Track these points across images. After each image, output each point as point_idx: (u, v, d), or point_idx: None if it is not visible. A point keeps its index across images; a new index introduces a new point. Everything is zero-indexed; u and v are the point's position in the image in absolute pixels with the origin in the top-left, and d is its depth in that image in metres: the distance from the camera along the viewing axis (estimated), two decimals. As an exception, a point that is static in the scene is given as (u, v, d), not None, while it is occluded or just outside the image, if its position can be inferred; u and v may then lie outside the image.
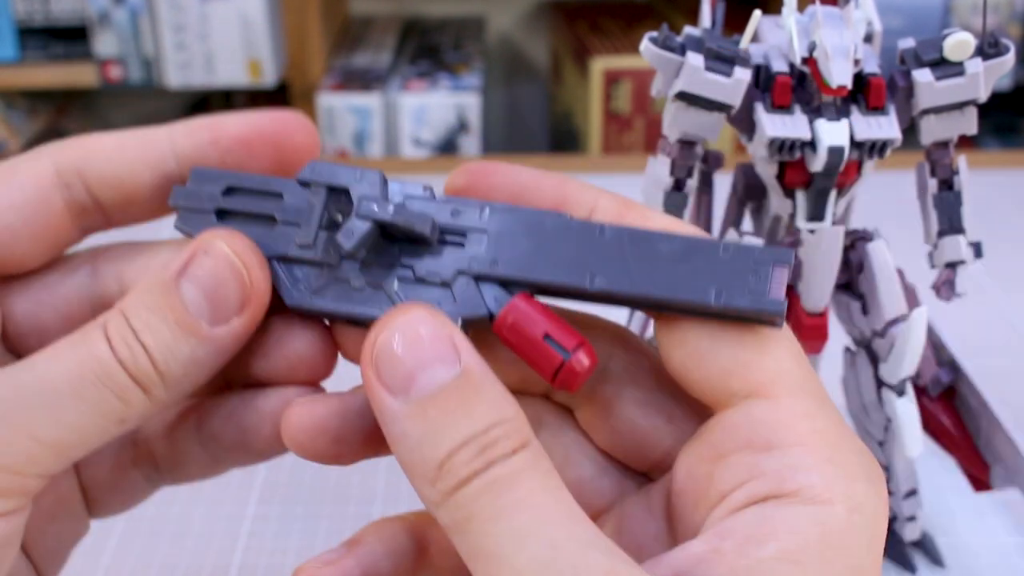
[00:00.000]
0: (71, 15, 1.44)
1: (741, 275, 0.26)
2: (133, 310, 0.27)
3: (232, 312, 0.27)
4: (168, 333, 0.26)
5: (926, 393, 0.43)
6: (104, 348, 0.26)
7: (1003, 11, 1.47)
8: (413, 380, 0.24)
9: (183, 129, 0.29)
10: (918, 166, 0.40)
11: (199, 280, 0.27)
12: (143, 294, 0.27)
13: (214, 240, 0.27)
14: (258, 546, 0.47)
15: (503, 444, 0.24)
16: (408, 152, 1.45)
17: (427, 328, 0.25)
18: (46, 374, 0.26)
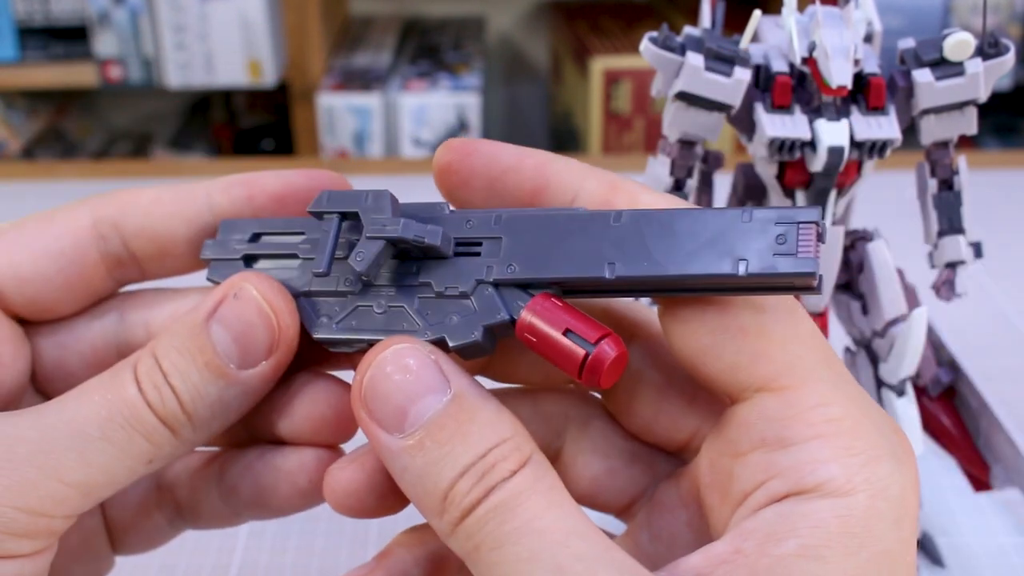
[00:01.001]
0: (71, 15, 1.44)
1: (766, 241, 0.24)
2: (163, 352, 0.27)
3: (260, 356, 0.27)
4: (197, 375, 0.27)
5: (926, 393, 0.43)
6: (133, 390, 0.27)
7: (1003, 11, 1.47)
8: (405, 414, 0.24)
9: (220, 185, 0.30)
10: (918, 166, 0.40)
11: (228, 323, 0.27)
12: (173, 336, 0.27)
13: (244, 284, 0.28)
14: (258, 546, 0.47)
15: (502, 467, 0.24)
16: (408, 152, 1.45)
17: (411, 359, 0.25)
18: (75, 415, 0.26)
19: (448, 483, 0.24)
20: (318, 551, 0.47)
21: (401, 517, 0.29)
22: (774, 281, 0.24)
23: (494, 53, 1.78)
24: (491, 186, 0.27)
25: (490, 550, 0.23)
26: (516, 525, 0.23)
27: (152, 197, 0.30)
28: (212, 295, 0.27)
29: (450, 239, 0.27)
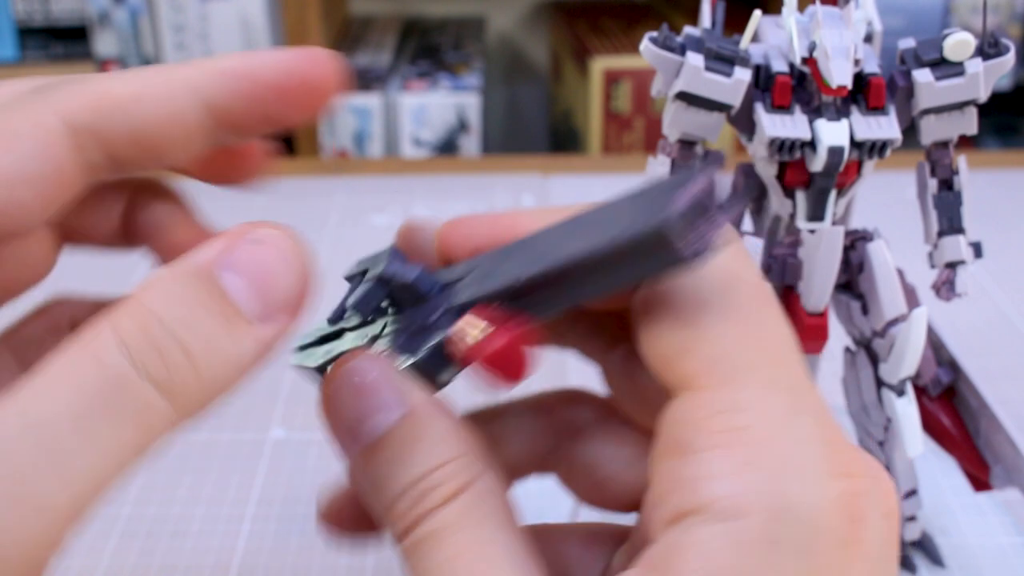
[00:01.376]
0: (71, 15, 1.44)
1: (654, 204, 0.22)
2: (161, 302, 0.22)
3: (281, 307, 0.23)
4: (211, 327, 0.22)
5: (926, 393, 0.43)
6: (116, 358, 0.21)
7: (1003, 11, 1.47)
8: (360, 427, 0.24)
9: (208, 76, 0.25)
10: (918, 166, 0.40)
11: (244, 268, 0.23)
12: (171, 285, 0.22)
13: (261, 227, 0.24)
14: (258, 546, 0.47)
15: (436, 493, 0.23)
16: (408, 152, 1.45)
17: (369, 374, 0.24)
18: (40, 415, 0.20)
19: (389, 502, 0.24)
20: (318, 551, 0.47)
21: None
22: (633, 245, 0.22)
23: (494, 53, 1.77)
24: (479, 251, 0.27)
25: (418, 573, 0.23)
26: (436, 562, 0.23)
27: (131, 94, 0.25)
28: (213, 243, 0.23)
29: (435, 282, 0.27)
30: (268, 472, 0.52)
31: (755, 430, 0.21)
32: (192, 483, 0.51)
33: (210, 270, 0.22)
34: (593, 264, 0.23)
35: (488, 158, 1.32)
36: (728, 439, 0.21)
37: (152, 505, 0.50)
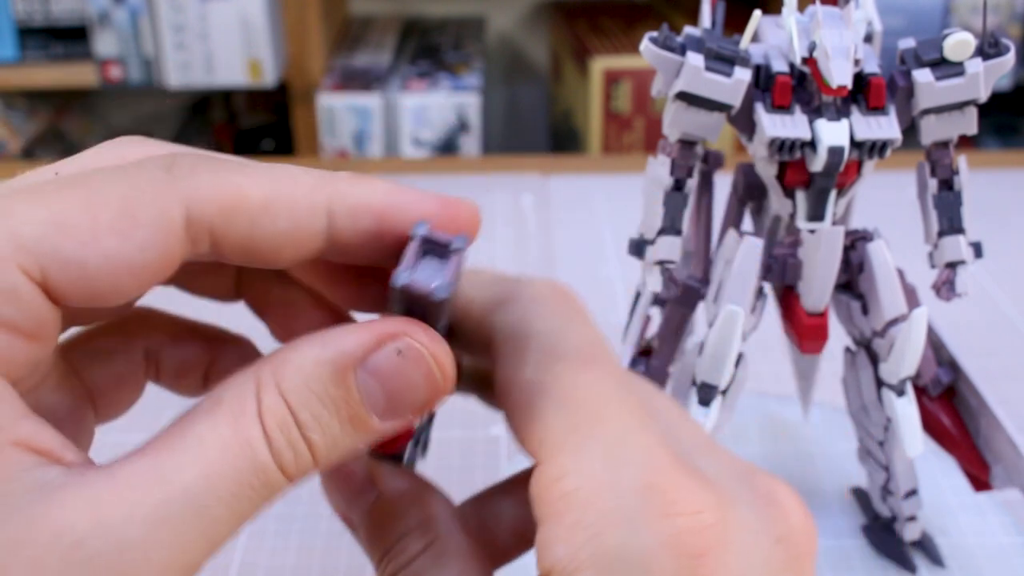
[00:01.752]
0: (71, 15, 1.44)
1: None
2: (300, 398, 0.23)
3: (408, 412, 0.24)
4: (338, 429, 0.23)
5: (926, 393, 0.43)
6: (264, 451, 0.22)
7: (1003, 11, 1.47)
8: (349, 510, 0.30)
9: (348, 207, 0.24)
10: (918, 166, 0.40)
11: (383, 376, 0.23)
12: (310, 378, 0.23)
13: (409, 339, 0.24)
14: (258, 546, 0.47)
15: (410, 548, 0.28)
16: (408, 152, 1.45)
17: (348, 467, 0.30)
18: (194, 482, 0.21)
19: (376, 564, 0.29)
20: (318, 551, 0.47)
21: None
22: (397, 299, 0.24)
23: (494, 53, 1.77)
24: None
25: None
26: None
27: (263, 201, 0.23)
28: (357, 336, 0.23)
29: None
30: (268, 472, 0.52)
31: (580, 492, 0.23)
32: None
33: (349, 369, 0.23)
34: None
35: (488, 158, 1.32)
36: (559, 506, 0.23)
37: (152, 505, 0.50)
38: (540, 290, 0.27)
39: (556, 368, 0.24)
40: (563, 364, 0.24)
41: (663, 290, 0.39)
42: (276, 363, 0.23)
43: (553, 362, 0.25)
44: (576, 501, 0.22)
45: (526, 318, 0.26)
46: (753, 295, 0.40)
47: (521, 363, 0.25)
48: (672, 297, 0.42)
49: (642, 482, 0.23)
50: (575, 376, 0.24)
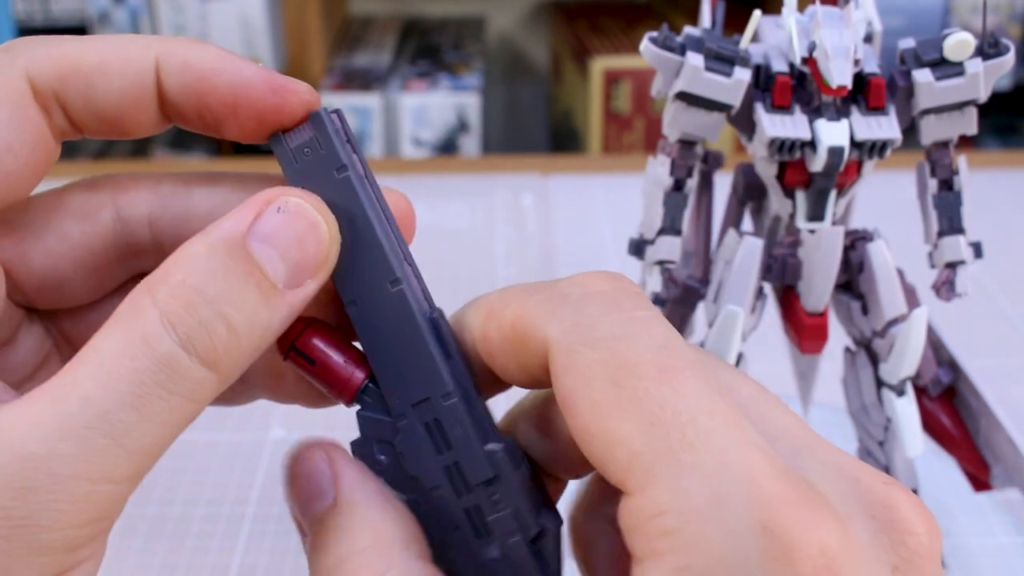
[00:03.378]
0: (71, 15, 1.44)
1: None
2: (202, 278, 0.23)
3: (308, 274, 0.24)
4: (250, 299, 0.23)
5: (926, 393, 0.43)
6: (167, 342, 0.22)
7: (1003, 11, 1.47)
8: (303, 516, 0.26)
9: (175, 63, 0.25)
10: (918, 166, 0.40)
11: (274, 239, 0.24)
12: (207, 259, 0.23)
13: (288, 196, 0.24)
14: (258, 546, 0.47)
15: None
16: (408, 152, 1.45)
17: (306, 464, 0.26)
18: (102, 399, 0.22)
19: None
20: (318, 551, 0.47)
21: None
22: None
23: (494, 53, 1.77)
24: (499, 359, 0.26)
25: None
26: None
27: (96, 64, 0.25)
28: (240, 211, 0.24)
29: None
30: (268, 472, 0.52)
31: (684, 532, 0.21)
32: (192, 483, 0.51)
33: (242, 241, 0.23)
34: None
35: (488, 158, 1.32)
36: (659, 546, 0.21)
37: (152, 505, 0.50)
38: (590, 287, 0.24)
39: (630, 382, 0.22)
40: (638, 376, 0.22)
41: (663, 290, 0.39)
42: (164, 266, 0.23)
43: (626, 375, 0.22)
44: (680, 543, 0.21)
45: (582, 323, 0.23)
46: (753, 295, 0.40)
47: (587, 378, 0.22)
48: (672, 297, 0.42)
49: (754, 521, 0.21)
50: (655, 389, 0.22)
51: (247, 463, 0.52)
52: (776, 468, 0.21)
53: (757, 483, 0.21)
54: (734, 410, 0.22)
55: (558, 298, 0.24)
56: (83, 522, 0.22)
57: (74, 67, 0.25)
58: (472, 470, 0.25)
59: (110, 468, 0.22)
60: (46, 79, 0.24)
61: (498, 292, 0.26)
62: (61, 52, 0.25)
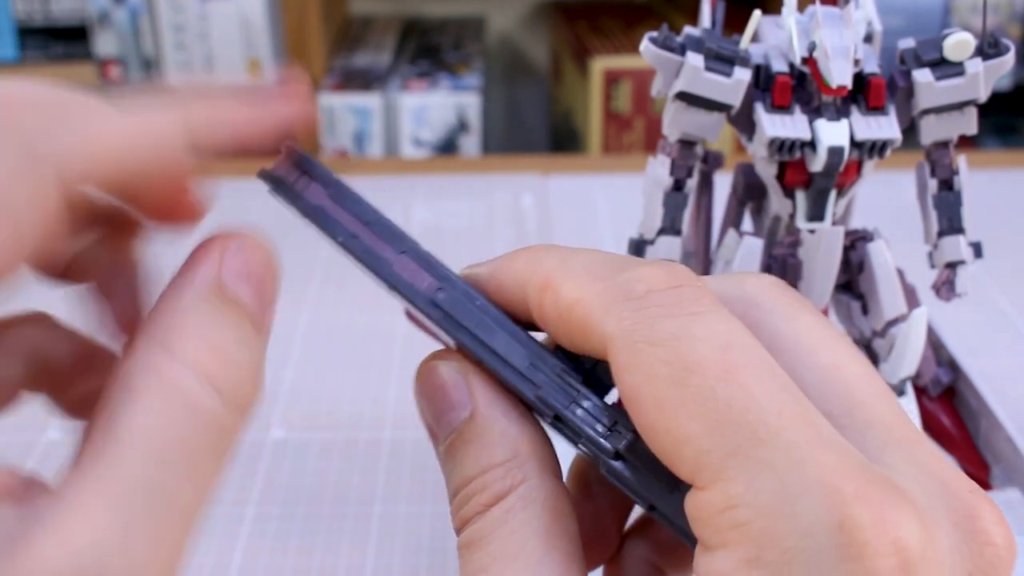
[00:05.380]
0: (71, 15, 1.44)
1: None
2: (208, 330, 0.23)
3: (270, 303, 0.25)
4: (250, 339, 0.24)
5: (926, 393, 0.43)
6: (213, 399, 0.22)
7: (1003, 11, 1.47)
8: (436, 426, 0.26)
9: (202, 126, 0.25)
10: (918, 166, 0.40)
11: (243, 276, 0.24)
12: (203, 310, 0.23)
13: (234, 235, 0.25)
14: (258, 546, 0.47)
15: (481, 497, 0.24)
16: (408, 152, 1.45)
17: (441, 377, 0.26)
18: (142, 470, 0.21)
19: (449, 497, 0.25)
20: (318, 551, 0.47)
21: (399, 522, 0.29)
22: None
23: (494, 53, 1.77)
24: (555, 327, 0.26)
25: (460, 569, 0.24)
26: (471, 569, 0.23)
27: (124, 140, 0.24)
28: (204, 261, 0.24)
29: None
30: (268, 472, 0.52)
31: (755, 525, 0.21)
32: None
33: (222, 286, 0.24)
34: None
35: (488, 158, 1.32)
36: (730, 537, 0.21)
37: (152, 505, 0.50)
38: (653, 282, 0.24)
39: (695, 380, 0.22)
40: (702, 374, 0.22)
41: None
42: (166, 321, 0.23)
43: (689, 374, 0.22)
44: (751, 535, 0.21)
45: (644, 321, 0.23)
46: (753, 295, 0.40)
47: (650, 376, 0.22)
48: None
49: (829, 519, 0.20)
50: (721, 389, 0.22)
51: (247, 463, 0.52)
52: (852, 465, 0.21)
53: (831, 481, 0.21)
54: (804, 407, 0.22)
55: (620, 291, 0.24)
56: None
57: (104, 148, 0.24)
58: None
59: (179, 535, 0.21)
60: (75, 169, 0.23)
61: (555, 257, 0.25)
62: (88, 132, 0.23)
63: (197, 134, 0.25)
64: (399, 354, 0.60)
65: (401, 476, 0.51)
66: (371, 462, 0.52)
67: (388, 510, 0.49)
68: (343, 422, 0.55)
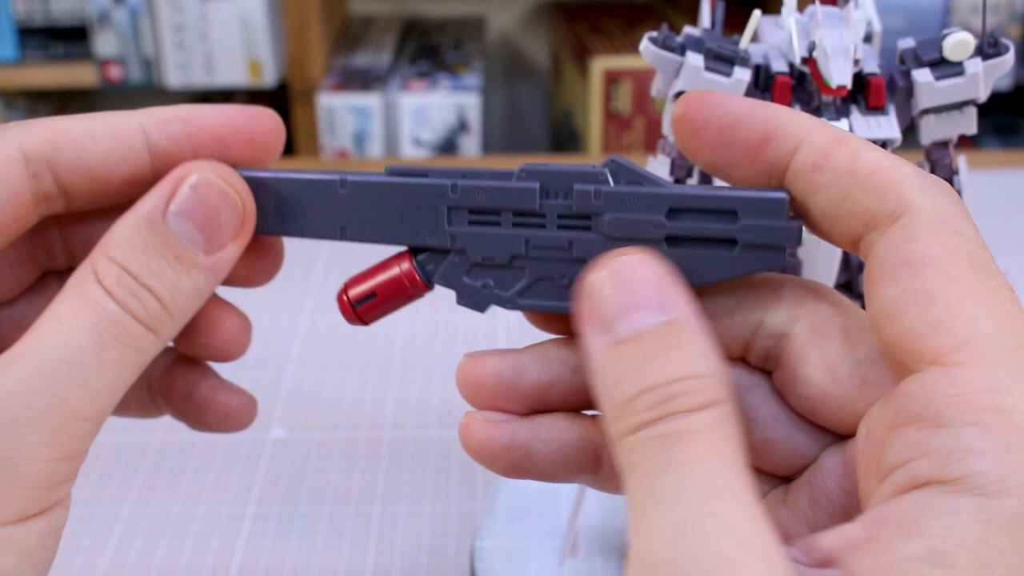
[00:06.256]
0: (71, 15, 1.44)
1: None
2: (126, 255, 0.27)
3: (227, 239, 0.28)
4: (171, 271, 0.27)
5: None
6: (112, 305, 0.26)
7: (1003, 11, 1.47)
8: (617, 320, 0.24)
9: (157, 120, 0.29)
10: (918, 166, 0.40)
11: (189, 213, 0.27)
12: (131, 237, 0.27)
13: (199, 172, 0.28)
14: (258, 546, 0.47)
15: (685, 400, 0.23)
16: (408, 152, 1.45)
17: (642, 272, 0.25)
18: (67, 349, 0.26)
19: (630, 395, 0.24)
20: (318, 551, 0.47)
21: (399, 521, 0.29)
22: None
23: (494, 53, 1.78)
24: (720, 136, 0.26)
25: (643, 472, 0.23)
26: (671, 460, 0.23)
27: (84, 130, 0.28)
28: (158, 189, 0.27)
29: None
30: (268, 472, 0.52)
31: (1015, 415, 0.22)
32: (192, 483, 0.51)
33: (159, 218, 0.27)
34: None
35: (488, 158, 1.32)
36: (989, 418, 0.22)
37: (152, 505, 0.50)
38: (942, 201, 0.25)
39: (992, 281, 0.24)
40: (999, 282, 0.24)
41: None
42: (101, 243, 0.27)
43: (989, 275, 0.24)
44: (1013, 423, 0.21)
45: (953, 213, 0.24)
46: (753, 295, 0.40)
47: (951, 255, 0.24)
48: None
49: None
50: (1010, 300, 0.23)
51: (247, 463, 0.52)
52: None
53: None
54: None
55: (933, 180, 0.25)
56: (59, 456, 0.26)
57: (63, 133, 0.28)
58: None
59: (77, 405, 0.26)
60: (37, 145, 0.28)
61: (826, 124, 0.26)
62: (52, 124, 0.28)
63: (151, 129, 0.28)
64: (399, 354, 0.60)
65: (401, 476, 0.51)
66: (371, 462, 0.52)
67: (388, 510, 0.49)
68: (343, 422, 0.55)
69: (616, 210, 0.27)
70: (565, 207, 0.27)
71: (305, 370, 0.60)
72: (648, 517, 0.22)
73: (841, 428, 0.27)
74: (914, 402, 0.23)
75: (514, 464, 0.28)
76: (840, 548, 0.22)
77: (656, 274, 0.25)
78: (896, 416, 0.23)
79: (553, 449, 0.28)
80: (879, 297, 0.24)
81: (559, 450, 0.28)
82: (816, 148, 0.26)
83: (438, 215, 0.28)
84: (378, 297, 0.28)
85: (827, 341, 0.27)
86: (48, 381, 0.25)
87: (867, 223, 0.25)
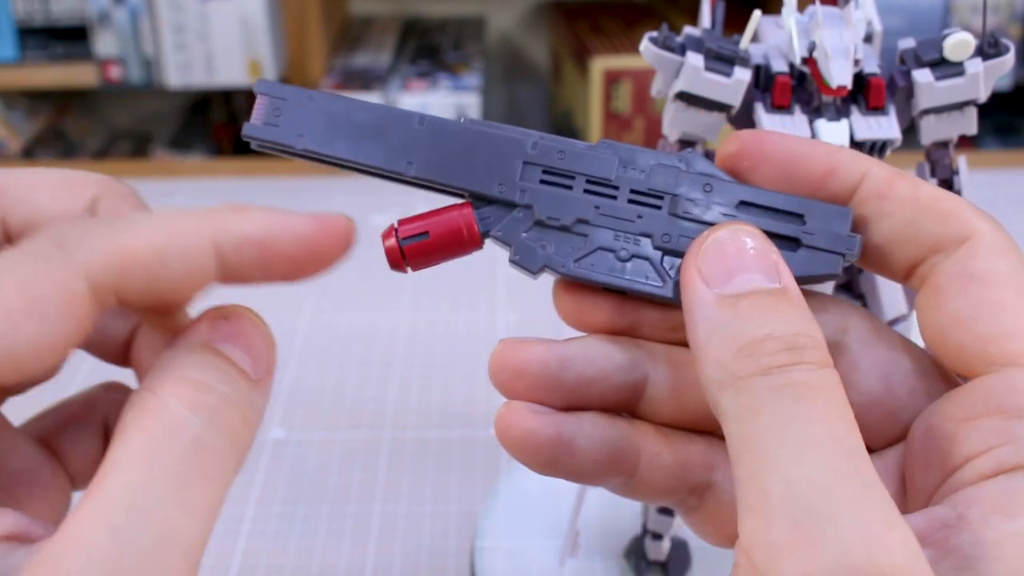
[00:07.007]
0: (71, 15, 1.44)
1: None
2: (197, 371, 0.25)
3: (266, 371, 0.27)
4: (240, 385, 0.26)
5: (926, 393, 0.43)
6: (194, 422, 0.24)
7: (1003, 11, 1.47)
8: (732, 275, 0.25)
9: (232, 241, 0.26)
10: (918, 166, 0.40)
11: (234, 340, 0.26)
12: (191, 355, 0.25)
13: (224, 308, 0.27)
14: (258, 546, 0.47)
15: (811, 353, 0.24)
16: (408, 152, 1.45)
17: (755, 243, 0.26)
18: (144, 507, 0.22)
19: (752, 339, 0.24)
20: (318, 551, 0.47)
21: (399, 521, 0.29)
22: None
23: (494, 53, 1.78)
24: (782, 170, 0.27)
25: (771, 418, 0.23)
26: (809, 410, 0.23)
27: (155, 252, 0.25)
28: (197, 327, 0.26)
29: None
30: (268, 472, 0.52)
31: None
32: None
33: (212, 345, 0.26)
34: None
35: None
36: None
37: (152, 505, 0.50)
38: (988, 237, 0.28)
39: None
40: None
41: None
42: (154, 371, 0.25)
43: None
44: None
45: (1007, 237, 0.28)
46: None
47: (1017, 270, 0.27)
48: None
49: None
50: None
51: (247, 463, 0.52)
52: None
53: None
54: None
55: (982, 210, 0.29)
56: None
57: (131, 255, 0.25)
58: None
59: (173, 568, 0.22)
60: (104, 275, 0.24)
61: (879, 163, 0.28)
62: (116, 241, 0.25)
63: (224, 244, 0.26)
64: (400, 354, 0.60)
65: (401, 476, 0.51)
66: (371, 462, 0.52)
67: (388, 509, 0.49)
68: (343, 422, 0.55)
69: (691, 192, 0.27)
70: (640, 182, 0.28)
71: (305, 370, 0.60)
72: (779, 467, 0.22)
73: (880, 437, 0.28)
74: (995, 396, 0.24)
75: (554, 459, 0.27)
76: (928, 528, 0.23)
77: (769, 247, 0.26)
78: (971, 410, 0.25)
79: (597, 447, 0.27)
80: (947, 307, 0.26)
81: (602, 448, 0.28)
82: (881, 179, 0.28)
83: (512, 168, 0.28)
84: (430, 237, 0.28)
85: (877, 350, 0.28)
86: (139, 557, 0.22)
87: (932, 246, 0.27)
